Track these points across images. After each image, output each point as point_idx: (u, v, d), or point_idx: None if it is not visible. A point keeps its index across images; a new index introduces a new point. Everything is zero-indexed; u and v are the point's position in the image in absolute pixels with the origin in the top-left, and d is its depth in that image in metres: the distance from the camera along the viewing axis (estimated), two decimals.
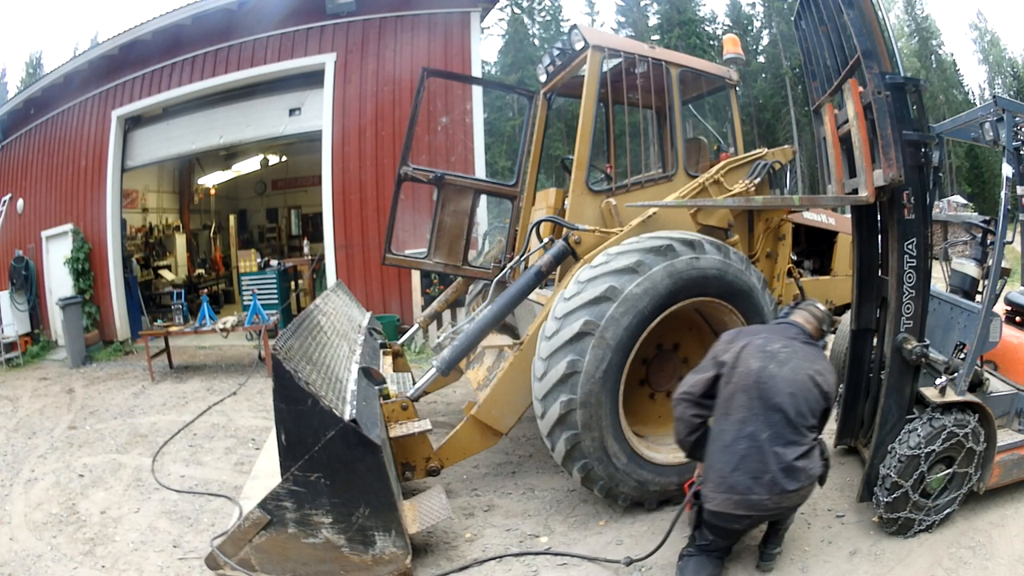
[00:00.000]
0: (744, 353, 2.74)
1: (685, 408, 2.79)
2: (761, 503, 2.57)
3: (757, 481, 2.56)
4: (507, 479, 4.05)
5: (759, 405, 2.62)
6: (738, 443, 2.61)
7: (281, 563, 2.73)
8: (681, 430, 2.81)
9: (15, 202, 11.23)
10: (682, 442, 2.86)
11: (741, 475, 2.58)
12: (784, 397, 2.61)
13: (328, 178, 8.93)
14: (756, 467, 2.56)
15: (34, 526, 3.75)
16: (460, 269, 5.22)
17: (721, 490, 2.62)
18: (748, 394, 2.64)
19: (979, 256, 3.85)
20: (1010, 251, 3.55)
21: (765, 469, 2.55)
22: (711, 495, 2.65)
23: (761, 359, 2.70)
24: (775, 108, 33.24)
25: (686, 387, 2.82)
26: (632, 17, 35.50)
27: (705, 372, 2.80)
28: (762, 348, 2.74)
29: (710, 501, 2.65)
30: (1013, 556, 2.91)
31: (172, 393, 6.84)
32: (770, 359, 2.70)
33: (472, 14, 8.96)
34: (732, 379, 2.70)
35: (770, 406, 2.60)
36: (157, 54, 9.49)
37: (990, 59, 35.33)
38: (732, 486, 2.59)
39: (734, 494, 2.59)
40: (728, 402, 2.69)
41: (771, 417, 2.59)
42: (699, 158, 4.92)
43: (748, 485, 2.57)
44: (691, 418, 2.77)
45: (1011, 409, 3.47)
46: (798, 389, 2.64)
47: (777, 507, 2.62)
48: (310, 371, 2.83)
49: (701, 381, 2.78)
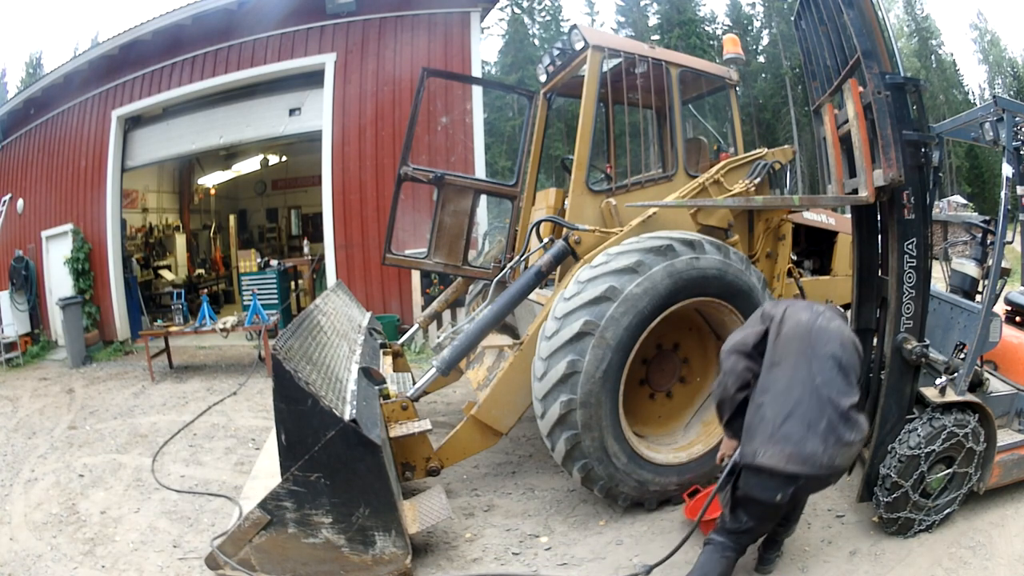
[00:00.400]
0: (791, 309, 2.67)
1: (736, 360, 2.63)
2: (815, 456, 2.37)
3: (812, 429, 2.38)
4: (507, 479, 4.05)
5: (812, 352, 2.50)
6: (791, 389, 2.46)
7: (281, 563, 2.73)
8: (730, 384, 2.63)
9: (15, 202, 11.23)
10: (728, 400, 2.65)
11: (795, 423, 2.40)
12: (835, 346, 2.52)
13: (328, 178, 8.93)
14: (811, 414, 2.40)
15: (34, 526, 3.75)
16: (460, 269, 5.21)
17: (773, 441, 2.41)
18: (800, 342, 2.53)
19: (979, 256, 3.85)
20: (1010, 251, 3.55)
21: (820, 415, 2.40)
22: (760, 449, 2.43)
23: (809, 313, 2.64)
24: (775, 108, 33.24)
25: (736, 340, 2.70)
26: (632, 17, 35.50)
27: (754, 327, 2.70)
28: (808, 307, 2.69)
29: (759, 455, 2.43)
30: (1013, 556, 2.91)
31: (172, 393, 6.84)
32: (817, 315, 2.64)
33: (472, 14, 8.96)
34: (782, 330, 2.59)
35: (822, 354, 2.50)
36: (157, 54, 9.49)
37: (990, 59, 35.33)
38: (786, 435, 2.39)
39: (787, 444, 2.38)
40: (778, 352, 2.56)
41: (824, 364, 2.48)
42: (699, 158, 4.92)
43: (802, 434, 2.38)
44: (743, 371, 2.60)
45: (1011, 409, 3.47)
46: (846, 343, 2.57)
47: (830, 464, 2.41)
48: (310, 371, 2.83)
49: (752, 334, 2.67)
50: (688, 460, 3.57)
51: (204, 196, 14.05)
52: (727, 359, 2.67)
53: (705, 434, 3.74)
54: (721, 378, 2.69)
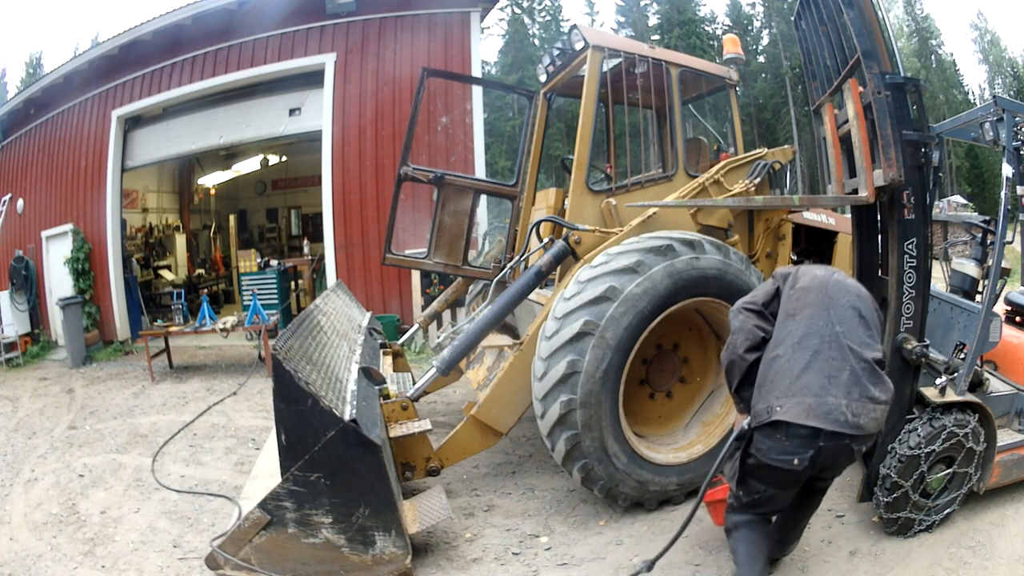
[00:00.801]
0: (804, 267, 2.56)
1: (746, 317, 2.44)
2: (838, 409, 2.14)
3: (834, 380, 2.18)
4: (507, 479, 4.05)
5: (830, 302, 2.33)
6: (808, 337, 2.27)
7: (281, 563, 2.73)
8: (739, 343, 2.41)
9: (15, 202, 11.23)
10: (737, 360, 2.41)
11: (814, 373, 2.20)
12: (854, 298, 2.37)
13: (328, 178, 8.93)
14: (832, 363, 2.21)
15: (34, 526, 3.75)
16: (460, 269, 5.21)
17: (789, 394, 2.19)
18: (817, 293, 2.36)
19: (979, 256, 3.85)
20: (1010, 251, 3.55)
21: (843, 365, 2.20)
22: (775, 403, 2.21)
23: (824, 270, 2.52)
24: (775, 108, 33.25)
25: (749, 297, 2.56)
26: (632, 17, 35.50)
27: (767, 286, 2.57)
28: (822, 266, 2.58)
29: (775, 411, 2.20)
30: (1013, 556, 2.91)
31: (172, 393, 6.84)
32: (832, 272, 2.52)
33: (472, 14, 8.96)
34: (797, 283, 2.43)
35: (842, 303, 2.34)
36: (157, 54, 9.49)
37: (990, 59, 35.34)
38: (805, 386, 2.18)
39: (807, 395, 2.17)
40: (793, 303, 2.38)
41: (844, 313, 2.31)
42: (699, 158, 4.92)
43: (823, 383, 2.17)
44: (753, 328, 2.40)
45: (1011, 409, 3.47)
46: (864, 296, 2.43)
47: (855, 421, 2.16)
48: (310, 371, 2.83)
49: (762, 292, 2.53)
50: (688, 460, 3.57)
51: (204, 196, 14.05)
52: (736, 317, 2.48)
53: (705, 434, 3.74)
54: (730, 338, 2.49)
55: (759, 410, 2.28)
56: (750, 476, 2.37)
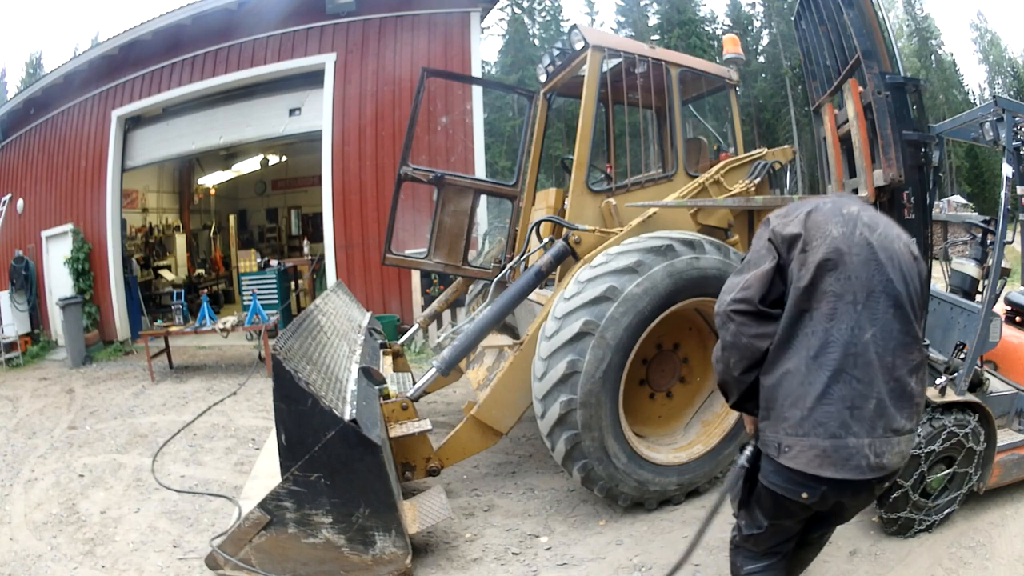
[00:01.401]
0: (815, 220, 1.76)
1: (741, 327, 1.77)
2: (858, 453, 1.67)
3: (856, 413, 1.67)
4: (507, 479, 4.05)
5: (859, 291, 1.70)
6: (828, 351, 1.69)
7: (281, 563, 2.73)
8: (734, 363, 1.81)
9: (15, 202, 11.23)
10: (732, 381, 1.86)
11: (833, 404, 1.68)
12: (891, 272, 1.72)
13: (328, 178, 8.93)
14: (855, 390, 1.68)
15: (34, 526, 3.75)
16: (460, 269, 5.22)
17: (800, 432, 1.70)
18: (840, 276, 1.71)
19: (979, 256, 3.85)
20: (1010, 251, 3.55)
21: (869, 391, 1.68)
22: (784, 441, 1.73)
23: (842, 223, 1.75)
24: (775, 108, 33.25)
25: (737, 291, 1.79)
26: (632, 17, 35.50)
27: (761, 263, 1.79)
28: (837, 212, 1.78)
29: (782, 452, 1.73)
30: (1013, 556, 2.91)
31: (172, 393, 6.84)
32: (853, 223, 1.75)
33: (472, 14, 8.96)
34: (809, 260, 1.72)
35: (875, 291, 1.71)
36: (157, 54, 9.49)
37: (990, 59, 35.35)
38: (820, 422, 1.68)
39: (822, 437, 1.67)
40: (806, 294, 1.72)
41: (876, 306, 1.70)
42: (699, 158, 4.92)
43: (843, 420, 1.67)
44: (751, 340, 1.76)
45: (1011, 409, 3.47)
46: (904, 261, 1.76)
47: (877, 463, 1.69)
48: (310, 371, 2.83)
49: (758, 279, 1.77)
50: (688, 460, 3.58)
51: (204, 196, 14.06)
52: (725, 325, 1.81)
53: (705, 434, 3.74)
54: (721, 352, 1.86)
55: (767, 439, 1.81)
56: (755, 502, 1.94)
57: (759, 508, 1.93)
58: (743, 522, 2.00)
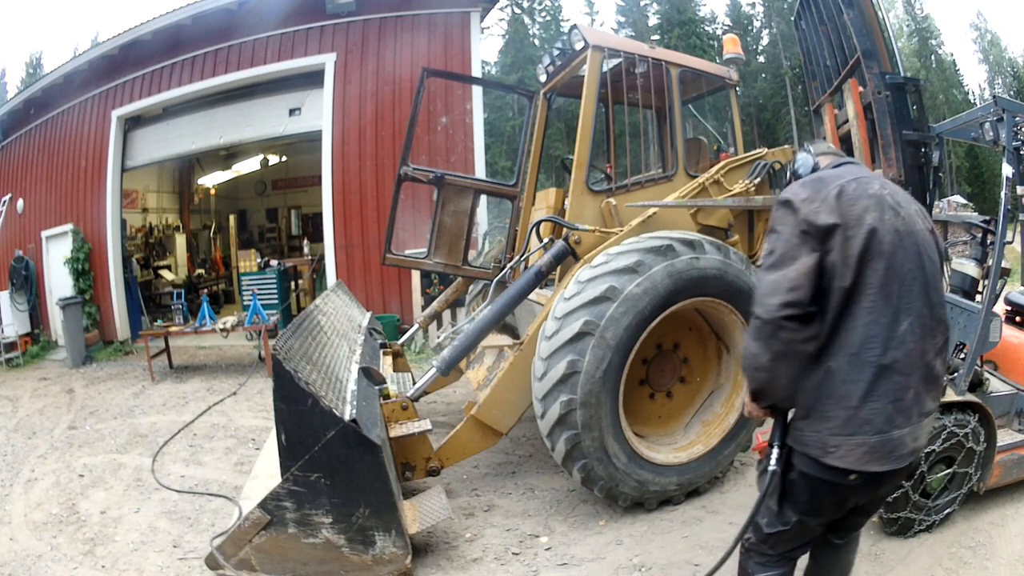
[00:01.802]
0: (845, 205, 1.70)
1: (794, 331, 1.65)
2: (901, 444, 1.67)
3: (898, 405, 1.66)
4: (507, 479, 4.05)
5: (892, 278, 1.67)
6: (870, 347, 1.65)
7: (281, 563, 2.73)
8: (782, 374, 1.70)
9: (15, 202, 11.24)
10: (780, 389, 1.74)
11: (879, 401, 1.65)
12: (917, 255, 1.72)
13: (328, 178, 8.93)
14: (896, 384, 1.66)
15: (34, 526, 3.75)
16: (460, 269, 5.22)
17: (847, 432, 1.66)
18: (875, 266, 1.66)
19: (979, 256, 3.85)
20: (1010, 251, 3.55)
21: (908, 382, 1.67)
22: (830, 441, 1.68)
23: (874, 207, 1.70)
24: (775, 108, 33.24)
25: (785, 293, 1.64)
26: (632, 17, 35.50)
27: (798, 256, 1.68)
28: (864, 192, 1.73)
29: (828, 452, 1.68)
30: (1013, 556, 2.91)
31: (172, 393, 6.84)
32: (882, 206, 1.71)
33: (472, 14, 8.97)
34: (851, 249, 1.66)
35: (903, 277, 1.69)
36: (157, 54, 9.49)
37: (990, 59, 35.34)
38: (867, 420, 1.65)
39: (870, 434, 1.64)
40: (851, 290, 1.67)
41: (911, 295, 1.69)
42: (699, 158, 4.92)
43: (888, 415, 1.65)
44: (803, 346, 1.67)
45: (1011, 409, 3.47)
46: (926, 244, 1.76)
47: (914, 448, 1.72)
48: (310, 371, 2.83)
49: (805, 275, 1.65)
50: (688, 460, 3.58)
51: (204, 196, 14.06)
52: (775, 334, 1.66)
53: (705, 434, 3.74)
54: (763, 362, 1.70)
55: (807, 439, 1.74)
56: (784, 497, 1.85)
57: (789, 503, 1.85)
58: (765, 520, 1.91)
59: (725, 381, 3.89)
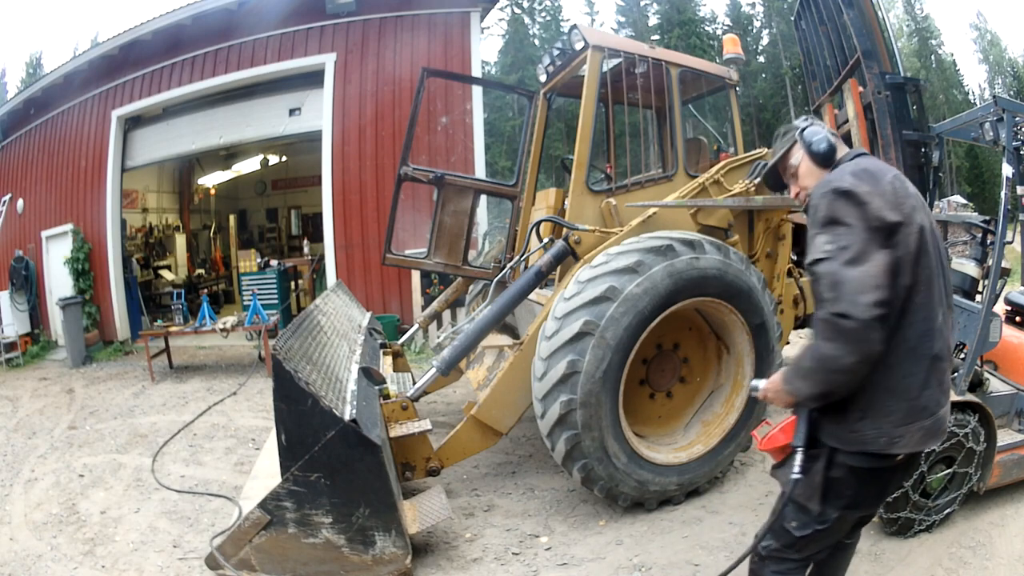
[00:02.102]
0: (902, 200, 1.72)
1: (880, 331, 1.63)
2: (944, 420, 1.81)
3: (942, 387, 1.79)
4: (507, 479, 4.05)
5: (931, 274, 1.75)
6: (925, 341, 1.72)
7: (281, 563, 2.73)
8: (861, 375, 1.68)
9: (15, 202, 11.24)
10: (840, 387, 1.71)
11: (932, 390, 1.75)
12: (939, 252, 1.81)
13: (328, 178, 8.93)
14: (942, 370, 1.78)
15: (34, 526, 3.75)
16: (460, 269, 5.22)
17: (909, 421, 1.72)
18: (924, 262, 1.73)
19: (979, 256, 3.85)
20: (1010, 251, 3.55)
21: (947, 366, 1.82)
22: (895, 434, 1.71)
23: (921, 206, 1.79)
24: (775, 108, 33.23)
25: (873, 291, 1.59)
26: (632, 17, 35.51)
27: (875, 251, 1.64)
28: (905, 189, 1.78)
29: (894, 441, 1.71)
30: (1013, 556, 2.91)
31: (172, 393, 6.84)
32: (921, 204, 1.81)
33: (472, 14, 8.97)
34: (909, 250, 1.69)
35: (935, 271, 1.76)
36: (157, 54, 9.49)
37: (990, 59, 35.34)
38: (924, 407, 1.74)
39: (926, 418, 1.73)
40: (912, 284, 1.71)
41: (940, 288, 1.78)
42: (699, 158, 4.92)
43: (938, 399, 1.77)
44: (881, 346, 1.65)
45: (1011, 409, 3.47)
46: (940, 236, 1.88)
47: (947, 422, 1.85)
48: (310, 371, 2.83)
49: (886, 274, 1.64)
50: (688, 460, 3.58)
51: (204, 196, 14.06)
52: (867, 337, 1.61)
53: (705, 434, 3.74)
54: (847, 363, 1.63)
55: (866, 436, 1.73)
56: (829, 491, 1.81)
57: (829, 501, 1.81)
58: (795, 523, 1.86)
59: (725, 381, 3.88)
